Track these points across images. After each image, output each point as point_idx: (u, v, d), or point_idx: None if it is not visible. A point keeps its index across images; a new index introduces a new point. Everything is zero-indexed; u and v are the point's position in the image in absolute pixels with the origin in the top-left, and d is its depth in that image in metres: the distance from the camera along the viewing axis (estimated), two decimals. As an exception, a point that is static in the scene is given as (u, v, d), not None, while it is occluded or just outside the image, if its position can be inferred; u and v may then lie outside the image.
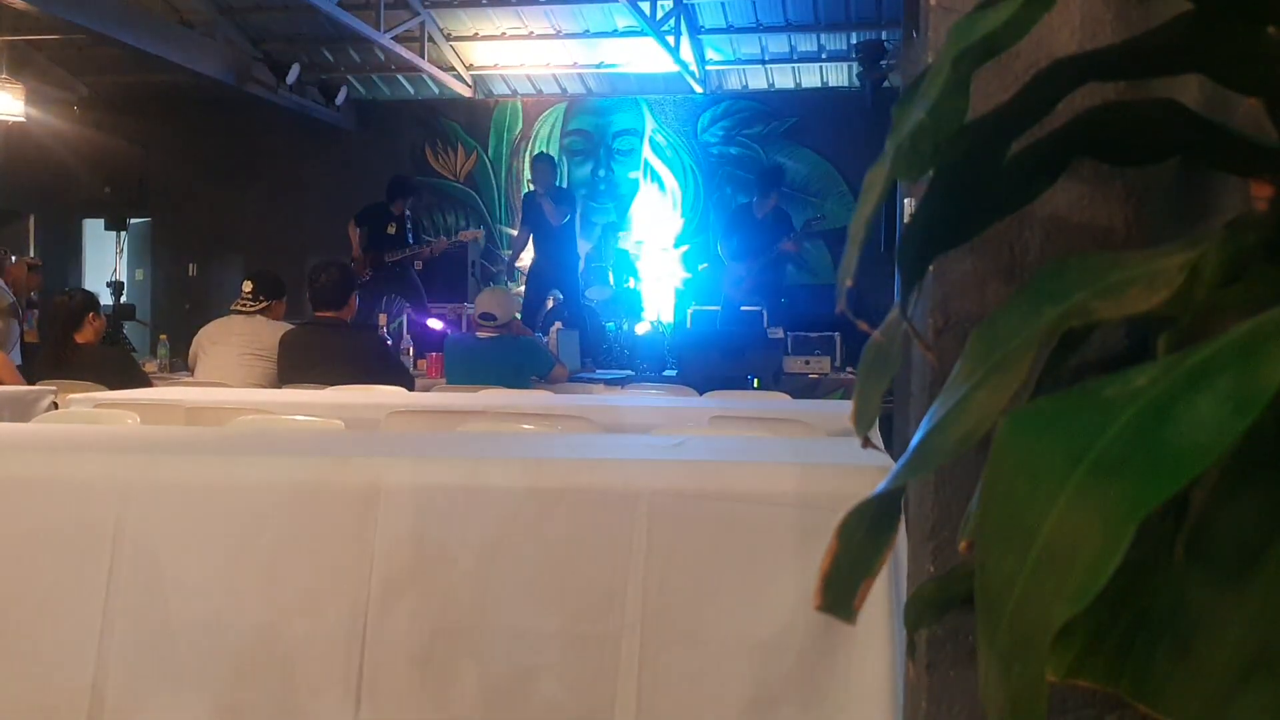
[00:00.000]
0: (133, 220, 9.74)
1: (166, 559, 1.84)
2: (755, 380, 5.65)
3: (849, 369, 6.20)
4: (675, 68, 9.09)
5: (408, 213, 8.36)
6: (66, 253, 10.88)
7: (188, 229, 10.72)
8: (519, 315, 5.25)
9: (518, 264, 8.91)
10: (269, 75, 8.99)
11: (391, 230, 8.19)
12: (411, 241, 8.20)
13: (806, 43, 9.40)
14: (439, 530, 1.79)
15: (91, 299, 4.69)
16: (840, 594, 0.72)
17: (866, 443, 0.77)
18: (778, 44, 9.41)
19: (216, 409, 3.33)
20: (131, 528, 1.83)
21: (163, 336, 6.55)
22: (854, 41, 8.79)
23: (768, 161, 9.75)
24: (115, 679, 1.79)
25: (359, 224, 8.27)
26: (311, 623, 1.79)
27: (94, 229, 10.19)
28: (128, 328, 7.70)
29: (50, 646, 1.83)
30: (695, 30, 9.20)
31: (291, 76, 8.98)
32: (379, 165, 10.33)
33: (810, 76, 9.85)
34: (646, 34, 8.53)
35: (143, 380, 4.53)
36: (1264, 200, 0.82)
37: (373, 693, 1.76)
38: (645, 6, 8.22)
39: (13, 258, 7.54)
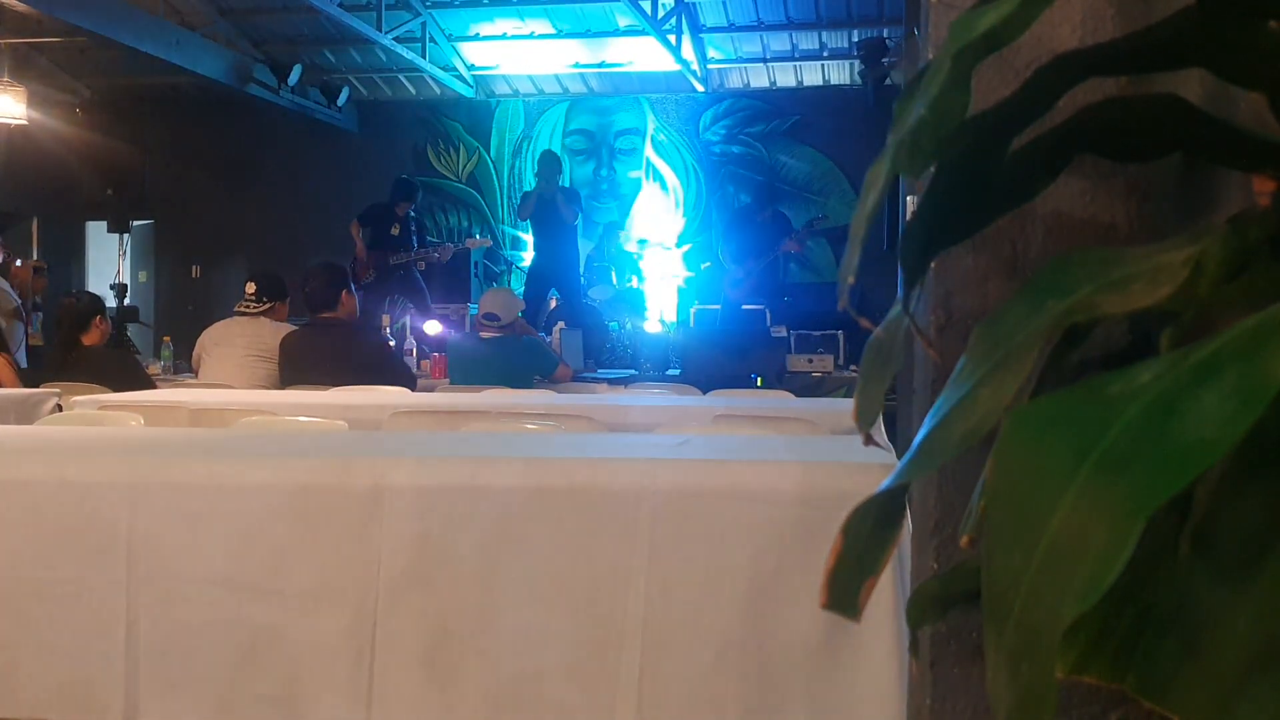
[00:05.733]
0: (135, 222, 9.74)
1: (176, 560, 1.84)
2: (758, 379, 5.65)
3: (852, 367, 6.20)
4: (677, 67, 9.09)
5: (411, 214, 8.38)
6: (69, 255, 10.89)
7: (190, 231, 10.73)
8: (522, 315, 5.25)
9: (521, 264, 8.93)
10: (270, 77, 8.99)
11: (395, 231, 8.21)
12: (415, 244, 8.22)
13: (808, 41, 9.39)
14: (443, 530, 1.80)
15: (98, 302, 4.70)
16: (845, 592, 0.72)
17: (869, 440, 0.77)
18: (779, 42, 9.40)
19: (220, 410, 3.34)
20: (142, 529, 1.84)
21: (166, 338, 6.56)
22: (855, 39, 8.78)
23: (769, 161, 9.78)
24: (144, 675, 1.81)
25: (362, 223, 8.28)
26: (318, 622, 1.80)
27: (97, 231, 10.19)
28: (131, 330, 7.71)
29: (79, 644, 1.84)
30: (696, 29, 9.20)
31: (293, 78, 8.98)
32: (381, 166, 10.34)
33: (812, 74, 9.84)
34: (648, 33, 8.53)
35: (147, 382, 4.53)
36: (1266, 195, 0.82)
37: (379, 692, 1.77)
38: (646, 5, 8.21)
39: (18, 260, 7.54)
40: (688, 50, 9.08)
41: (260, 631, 1.81)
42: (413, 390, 4.41)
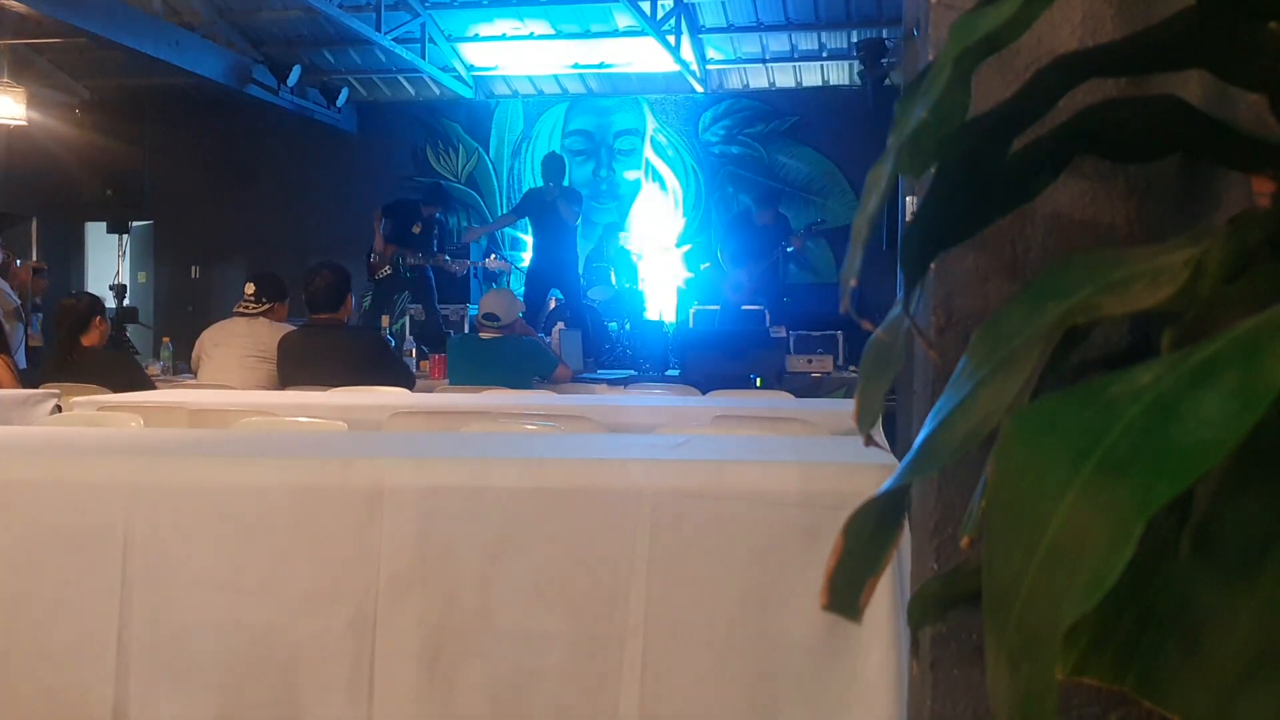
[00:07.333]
0: (135, 223, 9.75)
1: (174, 561, 1.84)
2: (758, 379, 5.65)
3: (851, 367, 6.19)
4: (676, 67, 9.09)
5: (438, 216, 8.45)
6: (69, 256, 10.90)
7: (190, 231, 10.73)
8: (522, 316, 5.26)
9: (520, 265, 8.95)
10: (270, 77, 9.00)
11: (416, 230, 8.26)
12: (436, 248, 8.29)
13: (807, 41, 9.40)
14: (443, 531, 1.80)
15: (97, 302, 4.70)
16: (846, 593, 0.72)
17: (869, 441, 0.77)
18: (779, 43, 9.41)
19: (220, 411, 3.34)
20: (140, 530, 1.84)
21: (165, 339, 6.56)
22: (855, 40, 8.79)
23: (769, 162, 9.79)
24: (135, 677, 1.81)
25: (385, 215, 8.32)
26: (318, 623, 1.80)
27: (96, 232, 10.21)
28: (131, 330, 7.71)
29: (70, 646, 1.84)
30: (695, 29, 9.20)
31: (292, 78, 8.99)
32: (380, 166, 10.35)
33: (811, 75, 9.84)
34: (647, 34, 8.53)
35: (146, 383, 4.53)
36: (1266, 196, 0.82)
37: (379, 693, 1.77)
38: (645, 6, 8.21)
39: (17, 261, 7.54)
40: (687, 51, 9.09)
41: (259, 633, 1.80)
42: (411, 390, 4.41)
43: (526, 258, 8.87)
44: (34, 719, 1.84)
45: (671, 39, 8.77)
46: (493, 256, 8.90)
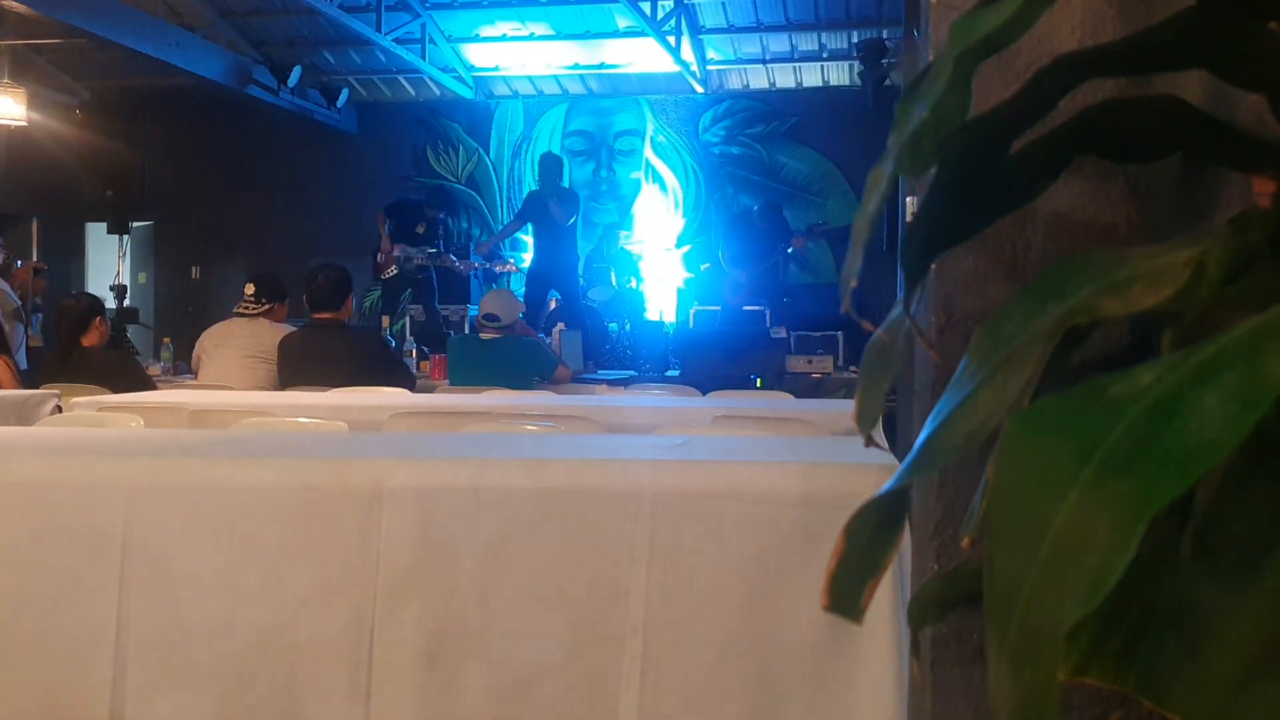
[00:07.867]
0: (135, 223, 9.75)
1: (174, 561, 1.84)
2: (758, 380, 5.65)
3: (852, 368, 6.19)
4: (676, 68, 9.09)
5: (441, 216, 8.47)
6: (69, 256, 10.89)
7: (190, 232, 10.73)
8: (522, 317, 5.26)
9: (521, 265, 8.95)
10: (270, 78, 9.00)
11: (420, 230, 8.27)
12: (442, 248, 8.31)
13: (807, 42, 9.40)
14: (443, 531, 1.80)
15: (97, 303, 4.70)
16: (846, 594, 0.72)
17: (870, 441, 0.77)
18: (779, 43, 9.41)
19: (220, 411, 3.34)
20: (140, 530, 1.84)
21: (166, 339, 6.56)
22: (855, 40, 8.79)
23: (769, 162, 9.79)
24: (133, 678, 1.81)
25: (388, 215, 8.32)
26: (317, 624, 1.80)
27: (96, 232, 10.21)
28: (131, 331, 7.71)
29: (67, 646, 1.84)
30: (696, 30, 9.20)
31: (292, 79, 8.99)
32: (381, 167, 10.35)
33: (811, 76, 9.85)
34: (647, 34, 8.53)
35: (146, 383, 4.53)
36: (1267, 196, 0.82)
37: (378, 693, 1.77)
38: (646, 7, 8.22)
39: (18, 262, 7.54)
40: (687, 51, 9.09)
41: (259, 633, 1.80)
42: (412, 391, 4.41)
43: (527, 258, 8.87)
44: (31, 718, 1.84)
45: (671, 39, 8.77)
46: (497, 262, 8.92)
